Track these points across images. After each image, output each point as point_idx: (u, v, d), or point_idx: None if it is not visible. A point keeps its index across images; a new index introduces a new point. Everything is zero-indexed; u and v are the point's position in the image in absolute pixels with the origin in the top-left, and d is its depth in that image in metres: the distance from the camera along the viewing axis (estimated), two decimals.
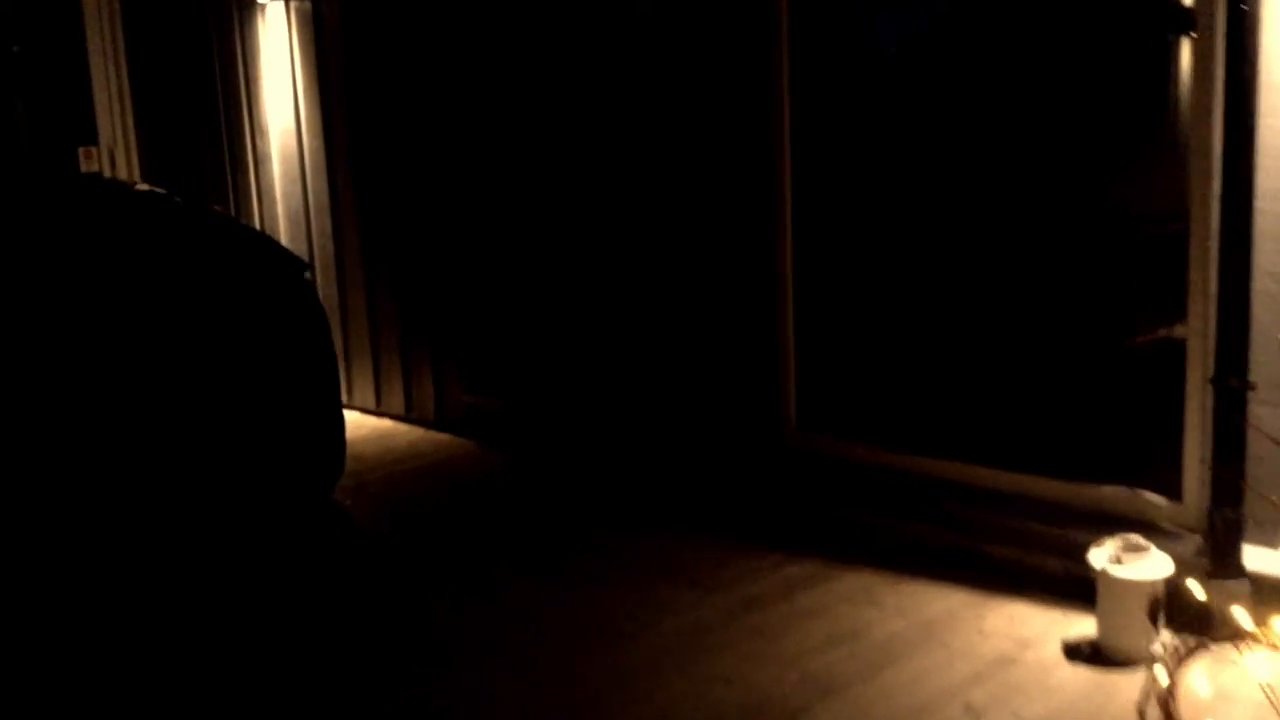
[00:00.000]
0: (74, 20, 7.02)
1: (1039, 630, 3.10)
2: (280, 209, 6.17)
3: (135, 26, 7.01)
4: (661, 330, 4.50)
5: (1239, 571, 2.96)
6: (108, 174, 7.06)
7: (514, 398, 5.13)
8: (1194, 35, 2.96)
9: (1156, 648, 2.89)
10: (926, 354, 3.96)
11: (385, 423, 5.70)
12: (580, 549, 3.89)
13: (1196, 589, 2.74)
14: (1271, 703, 2.31)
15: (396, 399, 5.69)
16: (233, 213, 6.44)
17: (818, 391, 4.09)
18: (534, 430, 4.98)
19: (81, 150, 7.10)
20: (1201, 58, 2.93)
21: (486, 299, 5.22)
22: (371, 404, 5.83)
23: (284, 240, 6.18)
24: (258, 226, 6.31)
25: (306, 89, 5.84)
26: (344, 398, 5.92)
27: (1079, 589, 3.10)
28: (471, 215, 5.18)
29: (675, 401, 4.44)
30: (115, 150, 7.08)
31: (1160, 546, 2.99)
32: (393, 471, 4.85)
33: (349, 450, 5.18)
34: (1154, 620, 2.92)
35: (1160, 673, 2.70)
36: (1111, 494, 3.36)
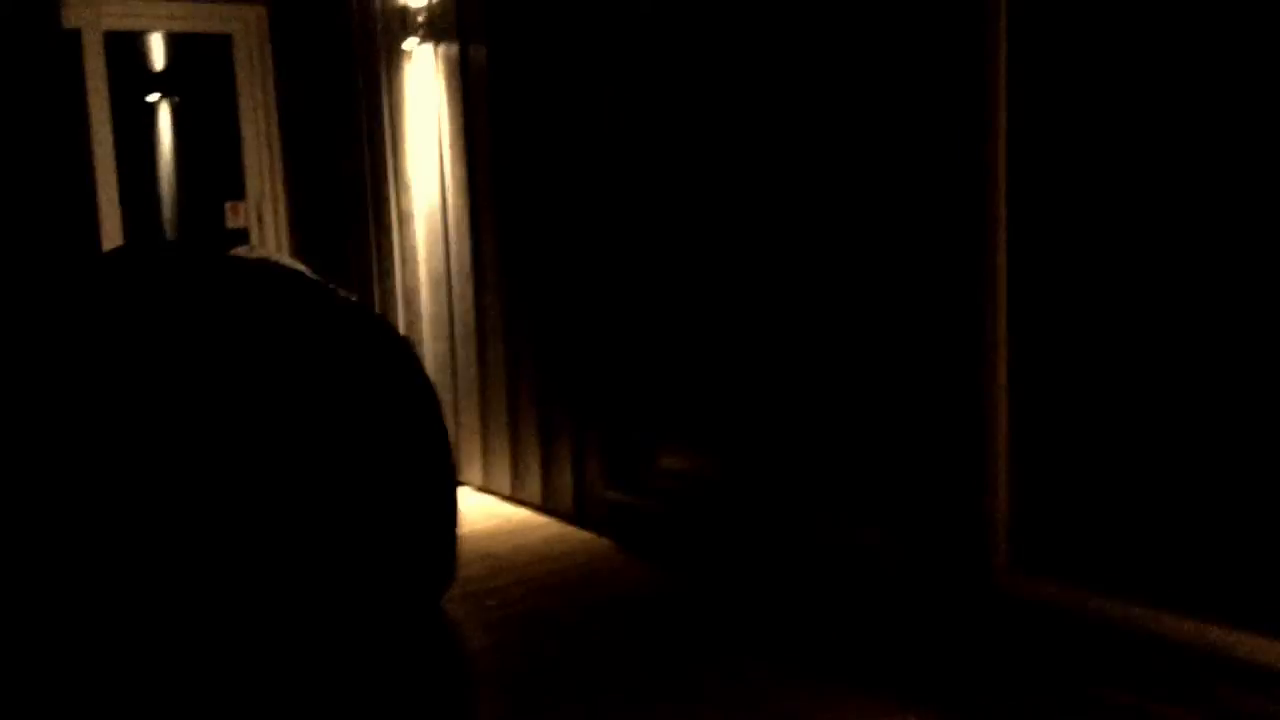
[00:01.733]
0: (226, 71, 6.77)
1: None
2: (423, 272, 5.68)
3: (286, 77, 6.70)
4: (839, 421, 3.75)
5: None
6: (255, 228, 6.75)
7: (662, 497, 4.43)
8: None
9: None
10: (1201, 470, 3.03)
11: (520, 512, 5.08)
12: (724, 685, 3.15)
13: None
14: None
15: (533, 486, 5.06)
16: (376, 277, 6.00)
17: (1040, 516, 3.24)
18: (684, 536, 4.26)
19: (228, 205, 6.81)
20: None
21: (636, 378, 4.55)
22: (506, 489, 5.22)
23: (425, 308, 5.68)
24: (399, 292, 5.85)
25: (452, 141, 5.35)
26: (480, 480, 5.35)
27: None
28: (625, 284, 4.54)
29: (856, 515, 3.67)
30: (263, 205, 6.76)
31: None
32: (519, 578, 4.20)
33: (476, 545, 4.61)
34: None
35: None
36: None
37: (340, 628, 0.50)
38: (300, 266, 0.61)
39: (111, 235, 6.31)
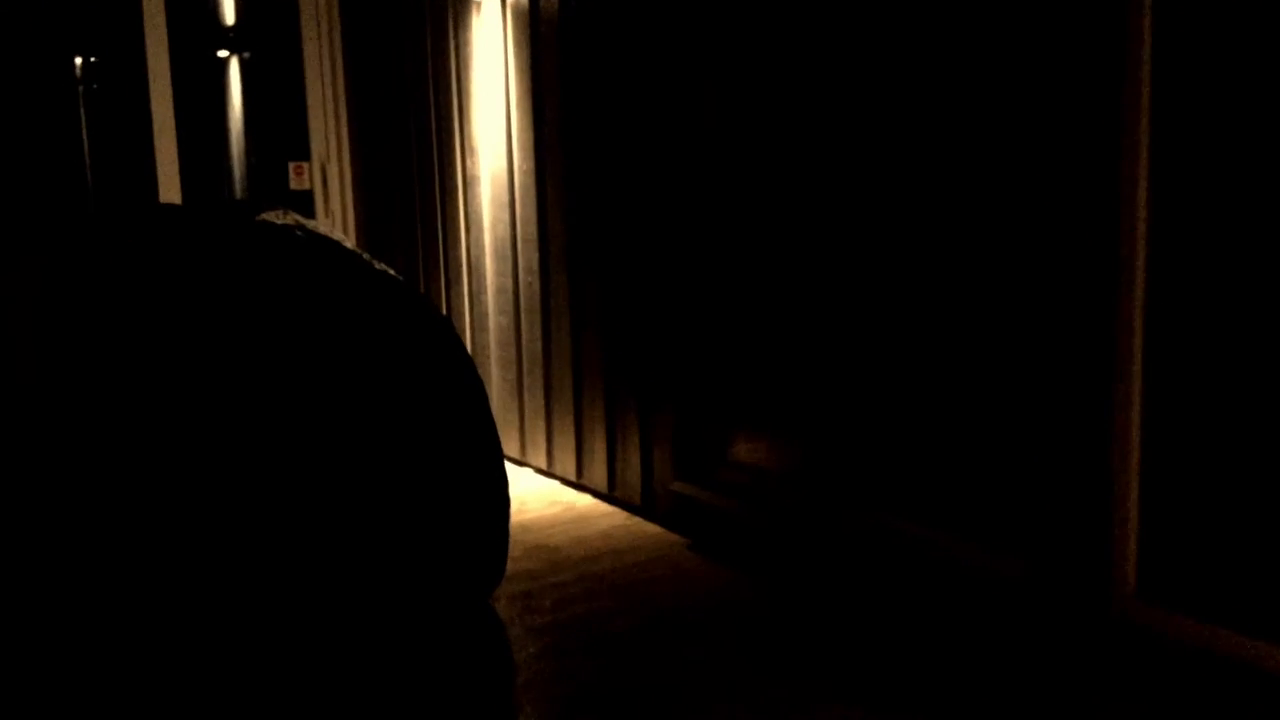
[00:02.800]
0: (292, 28, 6.48)
1: None
2: (487, 239, 5.34)
3: (353, 33, 6.40)
4: (946, 423, 3.33)
5: None
6: (319, 191, 6.48)
7: (736, 493, 4.04)
8: None
9: None
10: None
11: (584, 500, 4.74)
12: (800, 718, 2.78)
13: None
14: None
15: (599, 472, 4.71)
16: (442, 244, 5.68)
17: (1174, 543, 2.80)
18: (759, 538, 3.88)
19: (292, 165, 6.55)
20: None
21: (711, 360, 4.17)
22: (572, 473, 4.88)
23: (489, 278, 5.35)
24: (465, 260, 5.52)
25: (518, 100, 4.98)
26: (544, 462, 5.02)
27: None
28: (703, 256, 4.14)
29: (962, 529, 3.26)
30: (328, 166, 6.48)
31: None
32: (578, 575, 3.86)
33: (535, 535, 4.27)
34: None
35: None
36: None
37: (371, 626, 0.51)
38: (335, 234, 0.67)
39: (170, 196, 6.07)
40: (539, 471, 5.10)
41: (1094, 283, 2.77)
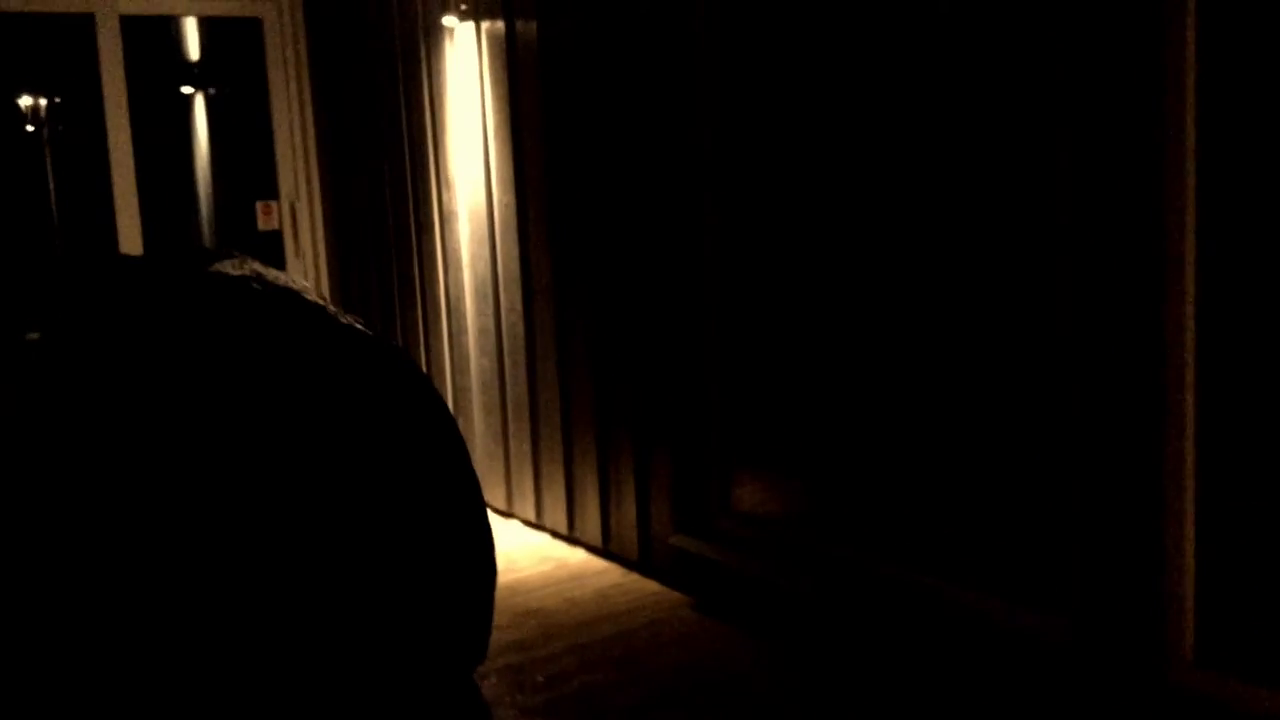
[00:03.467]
0: (258, 62, 6.21)
1: None
2: (467, 278, 5.06)
3: (321, 65, 6.13)
4: (978, 468, 3.06)
5: None
6: (289, 231, 6.19)
7: (740, 547, 3.75)
8: None
9: None
10: None
11: (576, 554, 4.44)
12: None
13: None
14: None
15: (592, 524, 4.42)
16: (419, 284, 5.40)
17: (1234, 605, 2.52)
18: (769, 595, 3.58)
19: (260, 205, 6.26)
20: None
21: (710, 395, 3.88)
22: (563, 526, 4.58)
23: (470, 319, 5.06)
24: (443, 300, 5.23)
25: (497, 130, 4.72)
26: (533, 514, 4.72)
27: None
28: (696, 288, 3.87)
29: (999, 587, 2.98)
30: (297, 204, 6.19)
31: None
32: (572, 644, 3.56)
33: (525, 598, 3.97)
34: None
35: None
36: None
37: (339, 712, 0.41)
38: (298, 284, 0.51)
39: (129, 238, 5.77)
40: (527, 524, 4.80)
41: (1146, 325, 2.50)
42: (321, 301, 0.54)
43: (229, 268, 0.52)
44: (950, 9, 2.99)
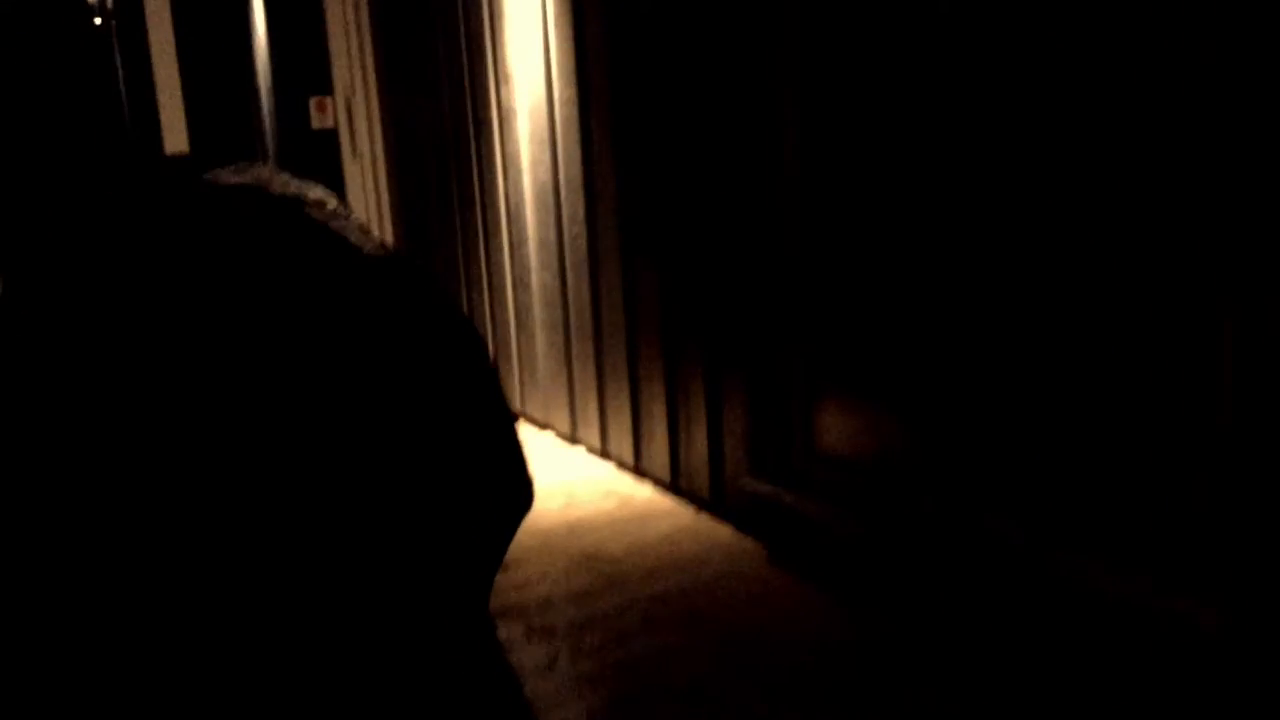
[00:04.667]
0: None
1: None
2: (527, 183, 4.62)
3: None
4: (1129, 418, 2.58)
5: None
6: (345, 129, 5.79)
7: (830, 493, 3.33)
8: None
9: None
10: None
11: (643, 491, 4.06)
12: None
13: None
14: None
15: (660, 457, 4.03)
16: (478, 187, 4.98)
17: None
18: (859, 550, 3.16)
19: (314, 100, 5.87)
20: None
21: (795, 313, 3.43)
22: (629, 456, 4.20)
23: (530, 229, 4.64)
24: (503, 207, 4.81)
25: (557, 16, 4.23)
26: (597, 442, 4.35)
27: None
28: (770, 195, 3.39)
29: (1150, 565, 2.52)
30: (353, 101, 5.78)
31: None
32: (633, 597, 3.20)
33: (583, 540, 3.60)
34: None
35: None
36: None
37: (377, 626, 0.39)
38: (313, 194, 0.51)
39: (175, 134, 5.43)
40: (592, 452, 4.43)
41: None
42: (334, 216, 0.50)
43: (229, 175, 0.50)
44: None
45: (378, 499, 0.40)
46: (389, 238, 5.86)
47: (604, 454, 4.36)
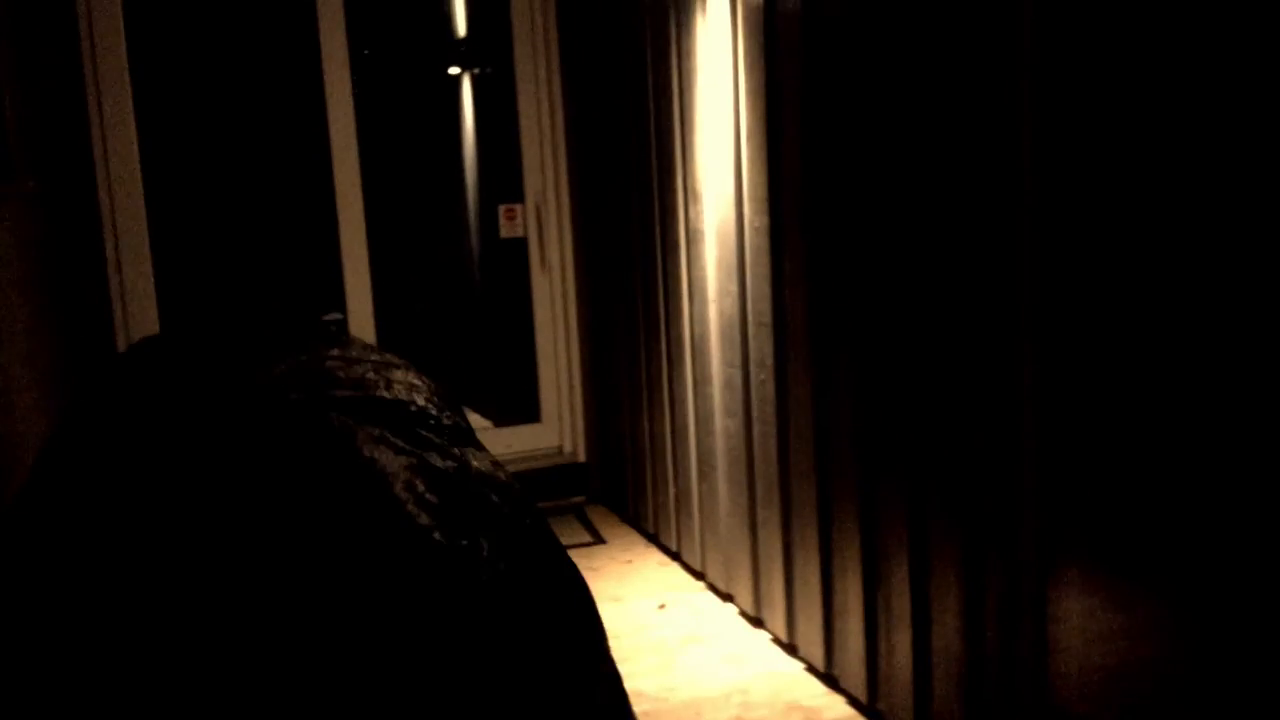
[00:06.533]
0: (503, 42, 5.40)
1: None
2: (712, 315, 4.02)
3: (571, 43, 5.24)
4: None
5: None
6: (534, 239, 5.37)
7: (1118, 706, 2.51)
8: None
9: None
10: None
11: (834, 707, 3.32)
12: None
13: None
14: None
15: (854, 665, 3.29)
16: (663, 315, 4.41)
17: None
18: None
19: (503, 209, 5.48)
20: None
21: (1021, 490, 2.64)
22: (819, 658, 3.48)
23: (715, 367, 4.02)
24: (687, 340, 4.22)
25: (750, 131, 3.63)
26: (783, 631, 3.66)
27: None
28: (999, 353, 2.64)
29: None
30: (543, 209, 5.36)
31: None
32: None
33: None
34: None
35: None
36: None
37: None
38: (398, 391, 0.45)
39: (353, 252, 5.13)
40: (777, 643, 3.73)
41: None
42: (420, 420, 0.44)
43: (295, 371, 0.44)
44: None
45: None
46: (573, 361, 5.38)
47: (790, 647, 3.65)
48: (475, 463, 0.45)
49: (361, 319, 5.09)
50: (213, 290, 5.51)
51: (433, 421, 0.45)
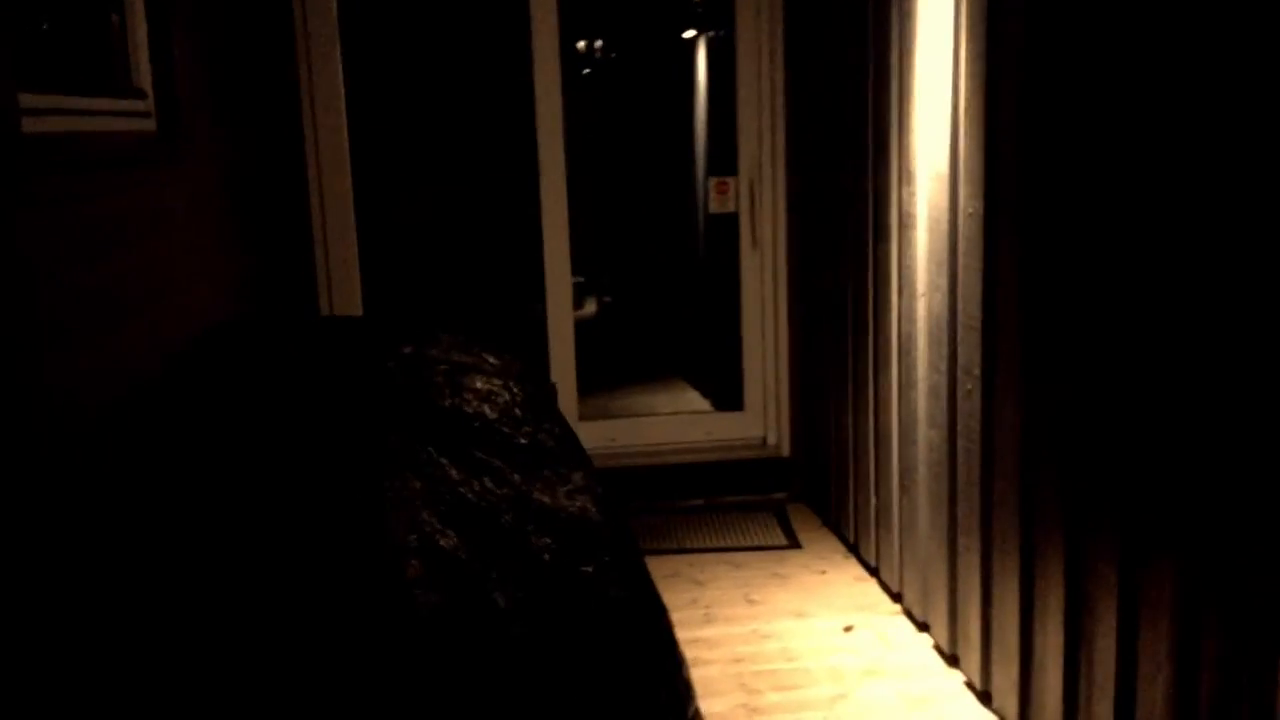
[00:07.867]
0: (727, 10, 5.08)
1: None
2: (920, 312, 3.58)
3: (793, 11, 4.87)
4: None
5: None
6: (746, 215, 5.06)
7: None
8: None
9: None
10: None
11: None
12: None
13: None
14: None
15: (1052, 707, 2.84)
16: (871, 307, 4.00)
17: None
18: None
19: (714, 181, 5.19)
20: None
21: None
22: (1012, 702, 3.04)
23: (921, 369, 3.60)
24: (894, 337, 3.81)
25: (969, 105, 3.17)
26: (977, 675, 3.24)
27: None
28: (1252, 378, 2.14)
29: None
30: (757, 184, 5.03)
31: None
32: None
33: None
34: None
35: None
36: None
37: None
38: (471, 401, 0.67)
39: (554, 221, 4.96)
40: (971, 688, 3.29)
41: None
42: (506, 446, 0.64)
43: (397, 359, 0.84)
44: None
45: None
46: (780, 348, 5.02)
47: (984, 696, 3.21)
48: (537, 494, 0.65)
49: (558, 297, 4.94)
50: (414, 265, 5.50)
51: (499, 439, 0.69)
